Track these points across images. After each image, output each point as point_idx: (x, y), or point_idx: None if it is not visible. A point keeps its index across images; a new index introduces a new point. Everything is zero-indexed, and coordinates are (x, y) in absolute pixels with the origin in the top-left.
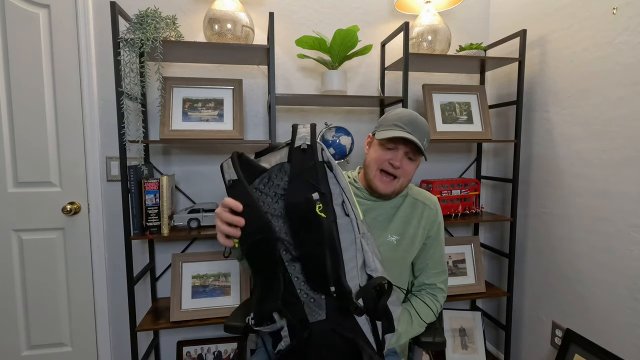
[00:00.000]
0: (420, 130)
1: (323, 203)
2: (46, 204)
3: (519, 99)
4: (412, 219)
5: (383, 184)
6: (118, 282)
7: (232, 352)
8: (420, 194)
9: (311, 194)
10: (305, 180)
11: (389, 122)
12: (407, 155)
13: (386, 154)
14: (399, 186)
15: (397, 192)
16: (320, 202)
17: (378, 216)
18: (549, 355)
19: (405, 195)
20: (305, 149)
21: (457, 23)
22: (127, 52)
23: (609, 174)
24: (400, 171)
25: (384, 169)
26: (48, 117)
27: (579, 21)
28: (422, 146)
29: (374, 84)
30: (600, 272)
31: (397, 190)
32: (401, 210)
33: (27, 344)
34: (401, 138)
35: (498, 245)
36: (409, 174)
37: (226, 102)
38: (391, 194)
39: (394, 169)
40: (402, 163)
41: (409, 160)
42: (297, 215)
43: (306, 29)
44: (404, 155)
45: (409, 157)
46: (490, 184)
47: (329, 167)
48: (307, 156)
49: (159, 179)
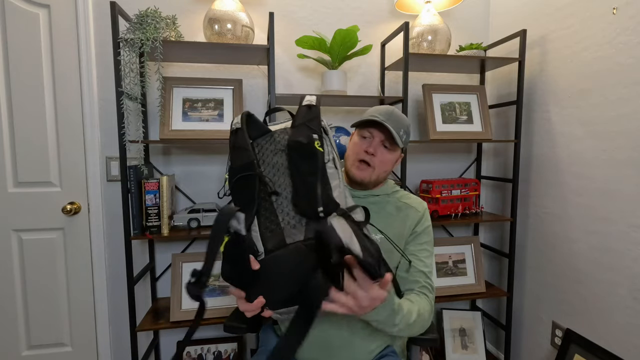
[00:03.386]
0: (396, 120)
1: (321, 142)
2: (46, 204)
3: (519, 99)
4: (396, 219)
5: (359, 170)
6: (118, 282)
7: (232, 352)
8: (409, 198)
9: (312, 135)
10: (308, 127)
11: (366, 114)
12: (383, 143)
13: (363, 142)
14: (375, 175)
15: (374, 182)
16: (318, 141)
17: None
18: (549, 355)
19: (389, 193)
20: (311, 107)
21: (457, 23)
22: (127, 52)
23: (609, 174)
24: (376, 159)
25: (361, 158)
26: (48, 117)
27: (579, 21)
28: (398, 136)
29: (374, 84)
30: (600, 272)
31: (373, 179)
32: (386, 209)
33: (27, 344)
34: (375, 124)
35: (498, 245)
36: (384, 163)
37: (226, 102)
38: (368, 183)
39: (369, 156)
40: (377, 150)
41: (384, 149)
42: (296, 149)
43: (306, 29)
44: (380, 144)
45: (384, 145)
46: (490, 184)
47: (325, 132)
48: (312, 112)
49: (159, 179)
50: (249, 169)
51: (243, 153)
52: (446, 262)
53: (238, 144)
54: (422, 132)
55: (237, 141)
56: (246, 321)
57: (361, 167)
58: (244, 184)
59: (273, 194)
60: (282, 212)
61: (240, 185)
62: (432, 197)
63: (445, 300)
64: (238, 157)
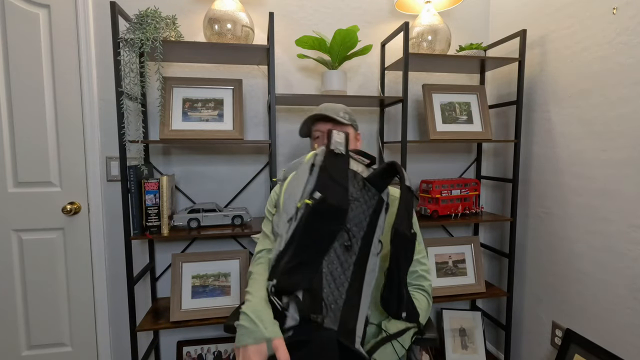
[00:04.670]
0: (332, 109)
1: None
2: (46, 204)
3: (519, 99)
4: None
5: None
6: (118, 282)
7: (232, 352)
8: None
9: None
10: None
11: (305, 120)
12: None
13: (319, 142)
14: None
15: None
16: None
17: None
18: (549, 355)
19: None
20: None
21: (457, 23)
22: (127, 52)
23: (609, 174)
24: None
25: None
26: (48, 117)
27: (579, 21)
28: (339, 116)
29: (374, 84)
30: (600, 272)
31: None
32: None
33: (27, 344)
34: (316, 119)
35: (498, 245)
36: None
37: (226, 102)
38: None
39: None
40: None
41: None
42: (400, 240)
43: (306, 29)
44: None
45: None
46: (490, 184)
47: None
48: (394, 169)
49: (159, 179)
50: (339, 219)
51: (338, 191)
52: (446, 262)
53: (336, 175)
54: (422, 132)
55: (335, 172)
56: None
57: None
58: (321, 228)
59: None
60: (333, 278)
61: (315, 226)
62: (432, 197)
63: (445, 300)
64: (332, 192)
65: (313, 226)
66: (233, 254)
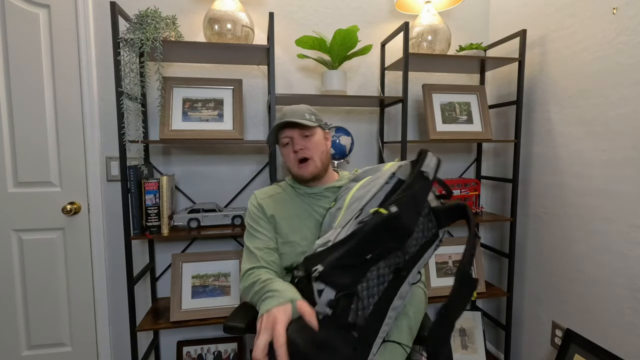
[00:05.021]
0: (296, 112)
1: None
2: (46, 204)
3: (519, 99)
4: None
5: (304, 169)
6: (118, 282)
7: (232, 352)
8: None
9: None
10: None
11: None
12: (301, 135)
13: (288, 149)
14: (319, 162)
15: (323, 167)
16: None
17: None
18: (549, 355)
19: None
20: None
21: (457, 23)
22: (127, 52)
23: (609, 174)
24: (307, 150)
25: (297, 159)
26: (48, 117)
27: (579, 21)
28: (306, 119)
29: (374, 84)
30: (600, 272)
31: (320, 166)
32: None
33: (27, 344)
34: (282, 127)
35: (498, 245)
36: (316, 146)
37: (226, 102)
38: (319, 172)
39: (301, 153)
40: (301, 143)
41: (306, 138)
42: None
43: (306, 29)
44: (300, 137)
45: (304, 135)
46: (490, 184)
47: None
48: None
49: (159, 179)
50: (403, 240)
51: (412, 215)
52: (446, 262)
53: (417, 198)
54: (422, 132)
55: (417, 194)
56: (245, 321)
57: (302, 166)
58: (383, 241)
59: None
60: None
61: (379, 236)
62: None
63: (445, 301)
64: (407, 213)
65: (378, 235)
66: (233, 254)
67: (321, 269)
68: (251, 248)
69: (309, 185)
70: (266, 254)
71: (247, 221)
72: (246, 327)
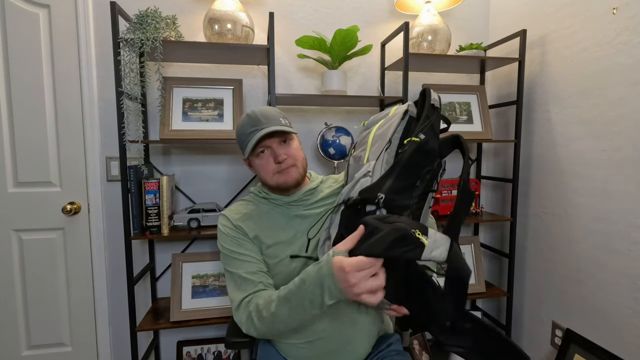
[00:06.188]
0: (271, 118)
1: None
2: (46, 204)
3: (519, 99)
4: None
5: (286, 176)
6: (118, 282)
7: (232, 352)
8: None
9: None
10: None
11: (244, 134)
12: (279, 142)
13: (266, 159)
14: (301, 168)
15: (303, 173)
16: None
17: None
18: (549, 355)
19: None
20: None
21: (457, 23)
22: (127, 52)
23: (609, 174)
24: (289, 159)
25: (279, 170)
26: (48, 117)
27: (579, 21)
28: (282, 125)
29: (374, 84)
30: (600, 272)
31: (302, 172)
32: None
33: (27, 344)
34: (263, 137)
35: (498, 245)
36: (296, 153)
37: (226, 102)
38: (301, 178)
39: (286, 162)
40: (283, 152)
41: (286, 144)
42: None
43: (306, 29)
44: (279, 144)
45: (282, 141)
46: (490, 184)
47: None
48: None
49: (159, 179)
50: (433, 161)
51: (434, 139)
52: None
53: (435, 126)
54: None
55: (435, 123)
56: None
57: (285, 173)
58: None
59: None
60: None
61: (416, 160)
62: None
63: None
64: (431, 138)
65: (416, 160)
66: None
67: (383, 197)
68: (241, 274)
69: (289, 193)
70: (264, 277)
71: (224, 246)
72: (249, 341)
